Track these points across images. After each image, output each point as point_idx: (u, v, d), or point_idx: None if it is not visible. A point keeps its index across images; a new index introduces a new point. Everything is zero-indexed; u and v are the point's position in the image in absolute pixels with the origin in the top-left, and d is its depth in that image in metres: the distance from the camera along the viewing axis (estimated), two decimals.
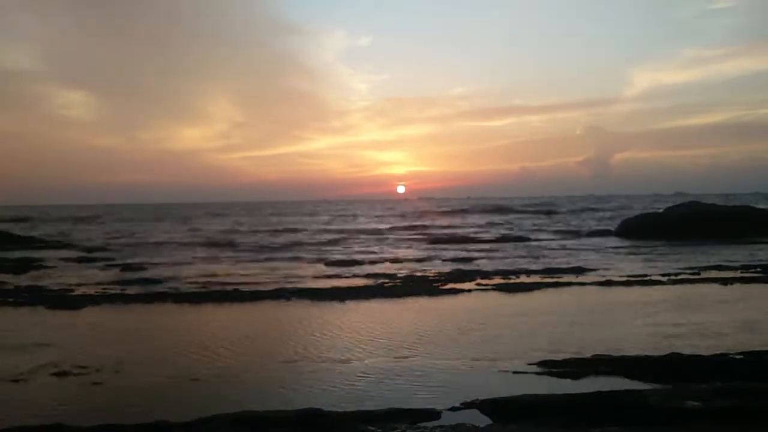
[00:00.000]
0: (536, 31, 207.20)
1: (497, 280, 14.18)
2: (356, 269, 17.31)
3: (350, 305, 11.05)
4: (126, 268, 17.93)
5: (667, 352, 6.77)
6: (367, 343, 7.88)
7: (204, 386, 6.06)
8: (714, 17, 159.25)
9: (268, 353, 7.41)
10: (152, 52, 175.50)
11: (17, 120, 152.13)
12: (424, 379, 6.17)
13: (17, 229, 37.11)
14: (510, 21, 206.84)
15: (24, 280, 15.22)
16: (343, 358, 7.10)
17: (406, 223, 44.81)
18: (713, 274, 14.69)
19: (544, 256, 20.17)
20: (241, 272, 16.77)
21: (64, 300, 11.89)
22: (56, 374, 6.55)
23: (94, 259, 21.10)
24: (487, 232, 34.72)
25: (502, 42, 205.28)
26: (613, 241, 26.48)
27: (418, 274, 15.79)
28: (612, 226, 33.37)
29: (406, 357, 7.07)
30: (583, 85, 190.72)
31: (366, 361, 6.90)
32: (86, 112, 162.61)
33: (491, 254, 21.31)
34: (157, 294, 12.62)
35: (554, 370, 6.41)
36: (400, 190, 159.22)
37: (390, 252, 23.56)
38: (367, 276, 15.52)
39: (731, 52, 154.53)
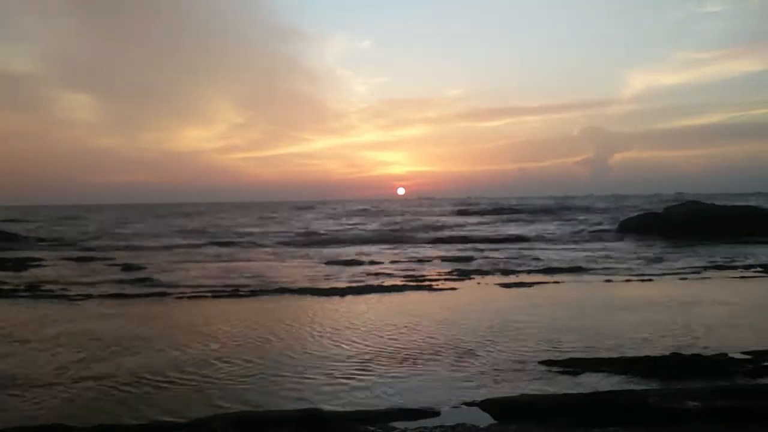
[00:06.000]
0: (531, 33, 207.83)
1: (497, 279, 14.18)
2: (356, 268, 17.31)
3: (349, 304, 11.05)
4: (126, 267, 17.93)
5: (667, 352, 6.78)
6: (367, 341, 7.87)
7: (204, 386, 6.06)
8: (704, 21, 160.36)
9: (268, 352, 7.41)
10: (154, 54, 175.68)
11: (20, 121, 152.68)
12: (424, 378, 6.17)
13: (18, 229, 37.13)
14: (506, 24, 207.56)
15: (24, 279, 15.21)
16: (343, 356, 7.09)
17: (405, 223, 44.83)
18: (713, 273, 14.70)
19: (544, 256, 20.17)
20: (240, 270, 16.76)
21: (63, 299, 11.89)
22: (56, 374, 6.54)
23: (93, 258, 21.10)
24: (487, 231, 34.73)
25: (498, 45, 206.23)
26: (613, 241, 26.48)
27: (418, 273, 15.79)
28: (612, 226, 33.37)
29: (406, 356, 7.07)
30: (578, 87, 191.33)
31: (366, 360, 6.89)
32: (88, 113, 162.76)
33: (491, 254, 21.30)
34: (156, 293, 12.63)
35: (554, 369, 6.41)
36: (401, 191, 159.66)
37: (389, 251, 23.56)
38: (367, 275, 15.51)
39: (722, 54, 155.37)
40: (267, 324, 9.30)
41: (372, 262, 18.96)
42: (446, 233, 33.57)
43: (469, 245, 25.79)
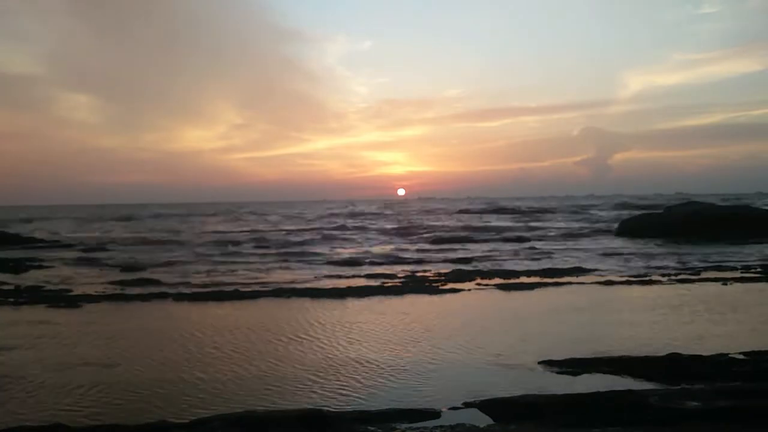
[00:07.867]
0: (530, 34, 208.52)
1: (497, 280, 14.17)
2: (356, 269, 17.31)
3: (350, 305, 11.05)
4: (126, 267, 17.93)
5: (667, 352, 6.78)
6: (366, 342, 7.88)
7: (204, 386, 6.06)
8: (701, 22, 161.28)
9: (268, 353, 7.41)
10: (156, 55, 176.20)
11: (20, 121, 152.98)
12: (424, 379, 6.17)
13: (19, 229, 37.12)
14: (506, 24, 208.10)
15: (24, 280, 15.21)
16: (343, 357, 7.09)
17: (406, 223, 44.82)
18: (713, 274, 14.69)
19: (544, 257, 20.16)
20: (241, 270, 16.75)
21: (63, 300, 11.89)
22: (56, 374, 6.54)
23: (94, 259, 21.09)
24: (487, 232, 34.70)
25: (498, 45, 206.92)
26: (613, 241, 26.46)
27: (419, 274, 15.79)
28: (612, 227, 33.35)
29: (406, 356, 7.07)
30: (578, 87, 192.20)
31: (366, 360, 6.90)
32: (90, 114, 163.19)
33: (491, 254, 21.30)
34: (156, 293, 12.62)
35: (554, 369, 6.41)
36: (401, 191, 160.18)
37: (390, 252, 23.55)
38: (368, 276, 15.51)
39: (719, 55, 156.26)
40: (267, 325, 9.29)
41: (372, 263, 18.96)
42: (446, 234, 33.54)
43: (469, 246, 25.76)
